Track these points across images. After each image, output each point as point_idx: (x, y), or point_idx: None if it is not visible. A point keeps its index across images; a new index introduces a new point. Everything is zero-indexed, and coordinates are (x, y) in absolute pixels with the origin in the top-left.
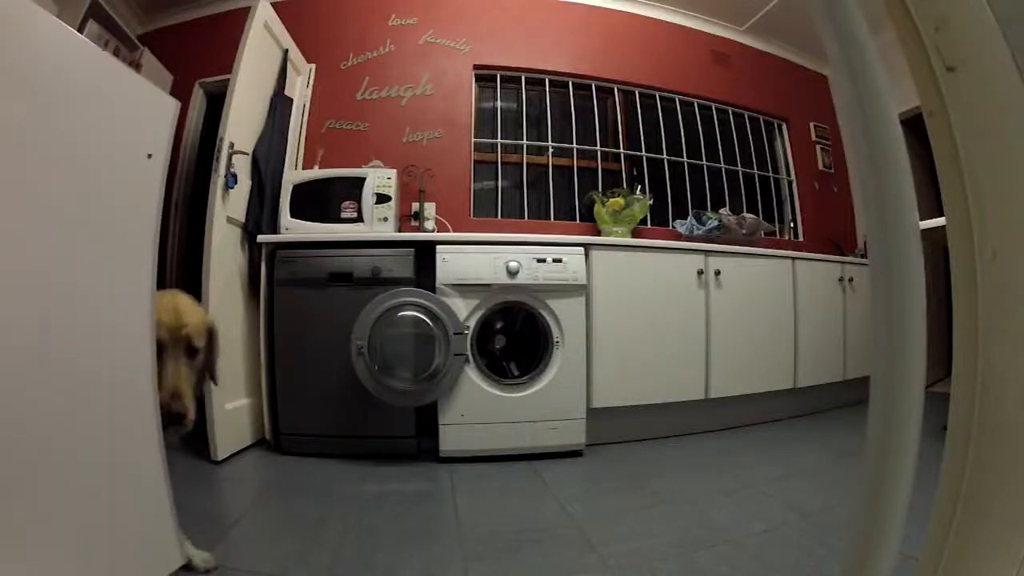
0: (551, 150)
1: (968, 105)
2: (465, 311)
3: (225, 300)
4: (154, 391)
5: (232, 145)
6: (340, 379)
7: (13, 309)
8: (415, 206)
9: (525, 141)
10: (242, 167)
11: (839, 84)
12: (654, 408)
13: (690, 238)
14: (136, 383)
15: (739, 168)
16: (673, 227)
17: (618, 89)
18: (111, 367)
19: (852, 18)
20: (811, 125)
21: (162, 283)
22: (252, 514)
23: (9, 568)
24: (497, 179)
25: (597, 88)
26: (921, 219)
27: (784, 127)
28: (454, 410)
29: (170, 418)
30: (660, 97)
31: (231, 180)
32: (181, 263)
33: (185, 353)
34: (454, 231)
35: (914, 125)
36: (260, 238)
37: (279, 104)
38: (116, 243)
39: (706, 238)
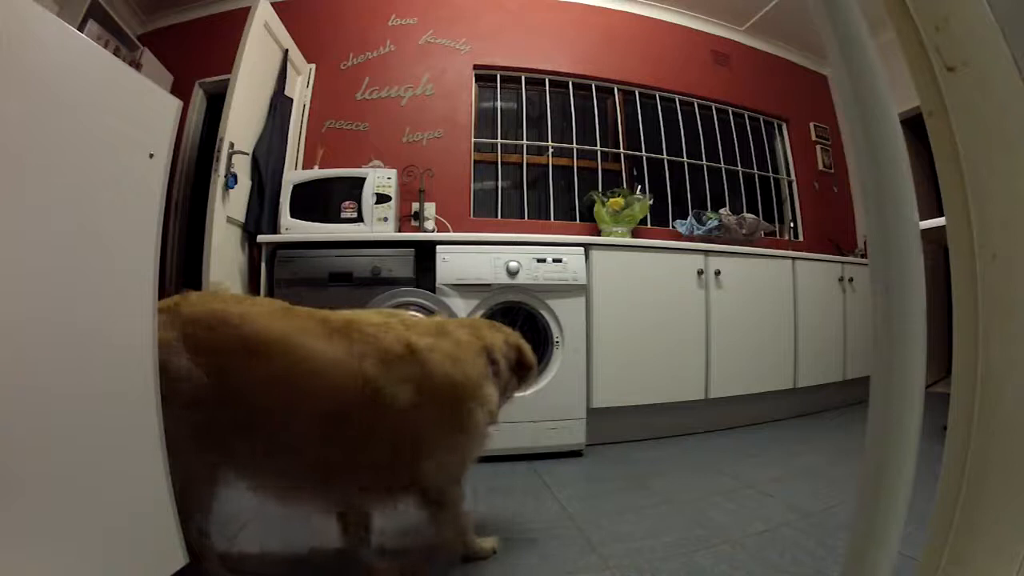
0: (551, 150)
1: (968, 105)
2: (465, 311)
3: None
4: (156, 393)
5: (232, 145)
6: None
7: (12, 310)
8: (415, 206)
9: (525, 141)
10: (242, 167)
11: (839, 84)
12: (654, 408)
13: (690, 238)
14: (138, 384)
15: (739, 168)
16: (673, 227)
17: (618, 89)
18: (112, 368)
19: (852, 18)
20: (811, 125)
21: (162, 284)
22: (253, 515)
23: (9, 569)
24: (497, 179)
25: (597, 88)
26: (921, 219)
27: (784, 127)
28: None
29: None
30: (660, 97)
31: (231, 180)
32: (181, 263)
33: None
34: (454, 231)
35: (914, 125)
36: (260, 238)
37: (279, 104)
38: (118, 243)
39: (706, 238)
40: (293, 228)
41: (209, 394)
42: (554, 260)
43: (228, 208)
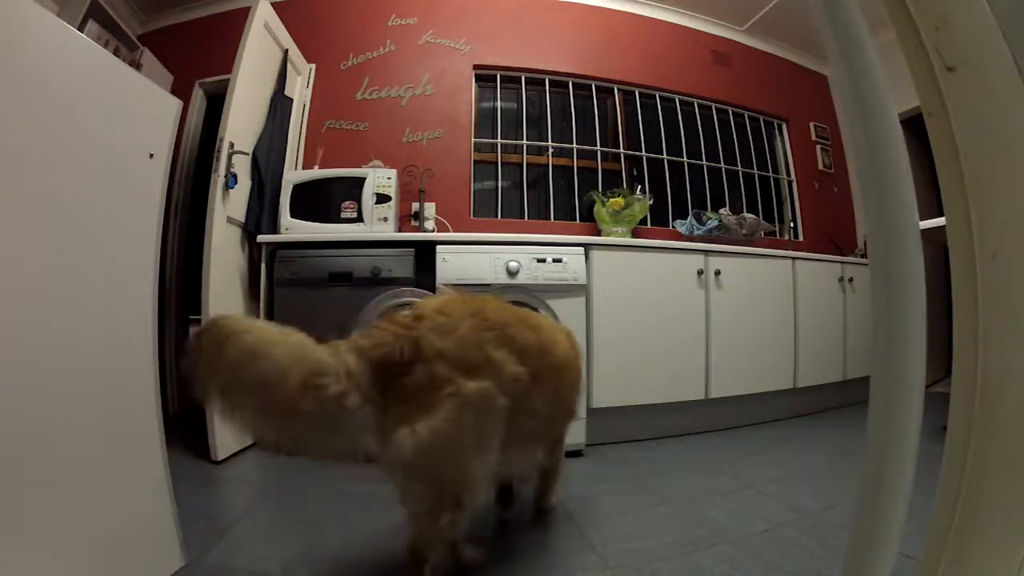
0: (551, 150)
1: (968, 105)
2: None
3: (225, 300)
4: (157, 393)
5: (232, 145)
6: None
7: (13, 310)
8: (415, 206)
9: (525, 141)
10: (242, 167)
11: (839, 84)
12: (654, 408)
13: (690, 238)
14: (138, 383)
15: (739, 168)
16: (673, 227)
17: (618, 89)
18: (113, 367)
19: (852, 18)
20: (811, 125)
21: (162, 284)
22: (252, 514)
23: (10, 569)
24: (497, 179)
25: (597, 88)
26: (921, 219)
27: (784, 127)
28: None
29: None
30: (660, 97)
31: (231, 180)
32: (181, 263)
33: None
34: (454, 231)
35: (914, 125)
36: (260, 238)
37: (279, 104)
38: (118, 243)
39: (706, 238)
40: (293, 228)
41: (528, 390)
42: (554, 260)
43: (228, 208)
